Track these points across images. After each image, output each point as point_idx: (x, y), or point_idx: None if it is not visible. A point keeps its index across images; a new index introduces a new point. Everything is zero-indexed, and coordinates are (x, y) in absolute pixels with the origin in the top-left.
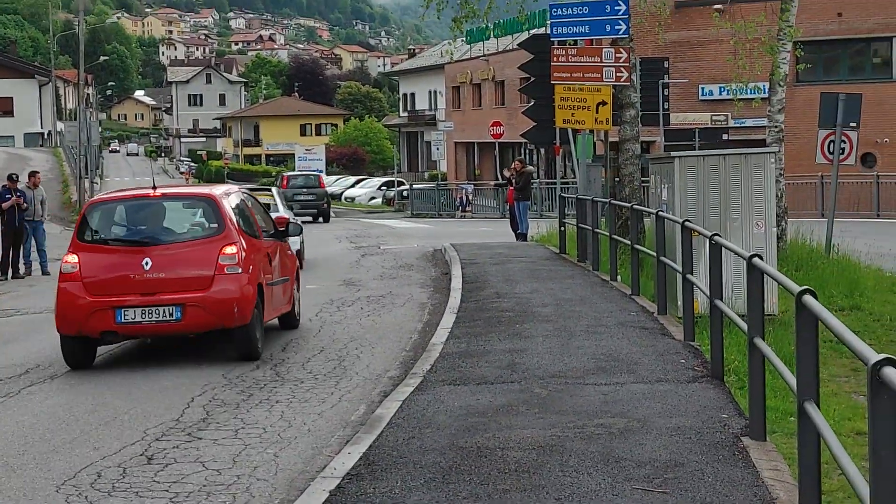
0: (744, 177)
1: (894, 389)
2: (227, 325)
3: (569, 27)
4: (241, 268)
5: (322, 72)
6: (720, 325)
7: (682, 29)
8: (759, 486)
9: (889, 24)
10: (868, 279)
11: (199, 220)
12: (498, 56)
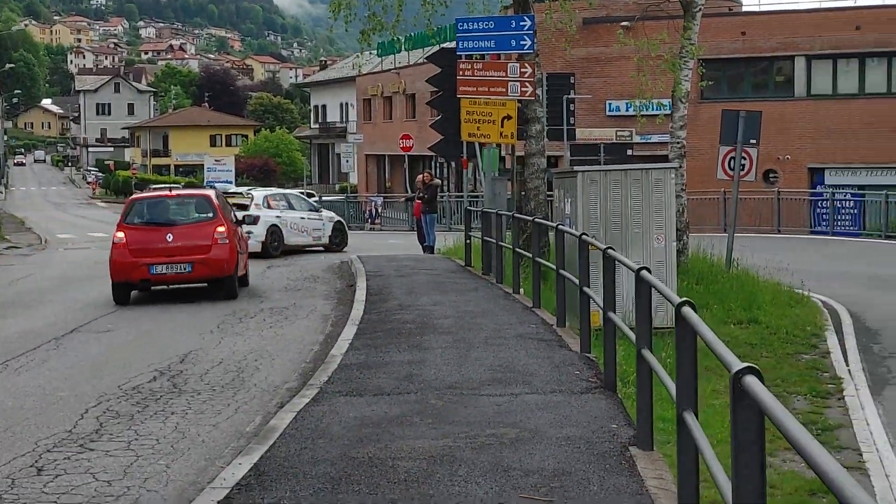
0: (645, 191)
1: (754, 397)
2: (219, 275)
3: (475, 42)
4: (228, 240)
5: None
6: (613, 336)
7: (589, 45)
8: (643, 494)
9: (791, 44)
10: (766, 293)
11: (200, 210)
12: (409, 69)
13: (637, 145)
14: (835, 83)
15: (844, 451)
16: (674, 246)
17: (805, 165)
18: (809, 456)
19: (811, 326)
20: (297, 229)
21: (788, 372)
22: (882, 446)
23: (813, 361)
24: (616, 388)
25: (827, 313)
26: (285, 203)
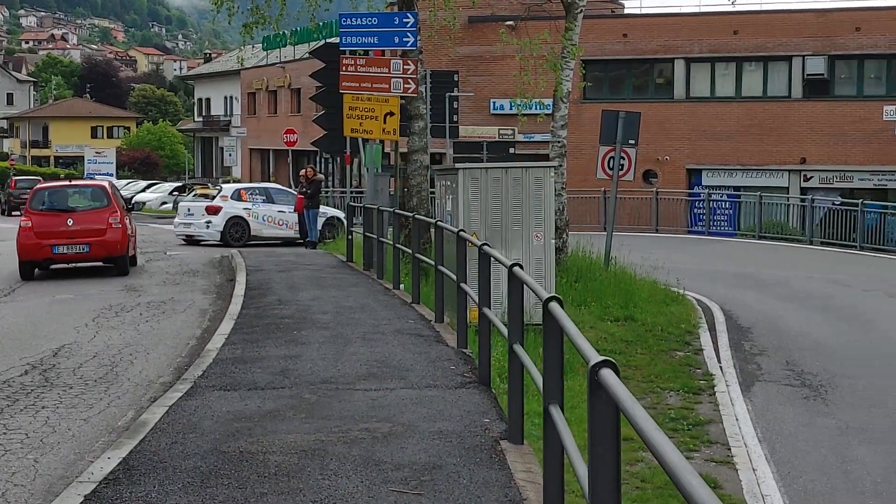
0: (525, 189)
1: (610, 390)
2: (112, 255)
3: (358, 37)
4: (121, 224)
5: (116, 74)
6: (488, 332)
7: (474, 44)
8: (511, 487)
9: (671, 47)
10: (643, 291)
11: (96, 199)
12: (294, 64)
13: (520, 144)
14: (713, 86)
15: (714, 445)
16: (553, 244)
17: (683, 166)
18: (656, 448)
19: (685, 324)
20: (272, 222)
21: (662, 368)
22: (750, 441)
23: (686, 358)
24: (490, 383)
25: (701, 311)
26: (263, 197)
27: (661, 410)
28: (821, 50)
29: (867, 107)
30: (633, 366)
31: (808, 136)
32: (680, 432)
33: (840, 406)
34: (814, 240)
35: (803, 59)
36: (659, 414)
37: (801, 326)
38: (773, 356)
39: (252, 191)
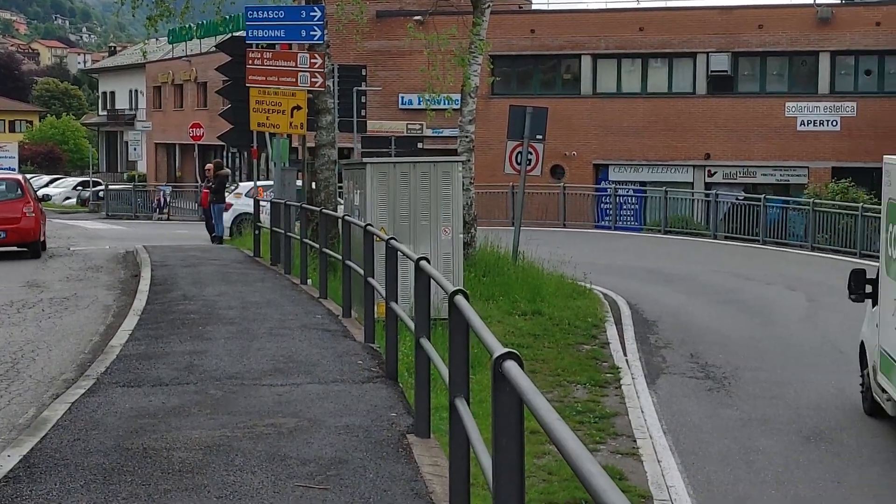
0: (433, 184)
1: (513, 381)
2: (27, 241)
3: (265, 31)
4: (34, 213)
5: (18, 67)
6: (395, 326)
7: (382, 38)
8: (418, 480)
9: (578, 43)
10: (550, 285)
11: (11, 190)
12: (200, 57)
13: (428, 139)
14: (619, 82)
15: (620, 437)
16: (461, 238)
17: (590, 161)
18: (557, 438)
19: (592, 318)
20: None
21: (569, 362)
22: (655, 433)
23: (593, 351)
24: (398, 377)
25: (608, 305)
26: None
27: (568, 403)
28: (724, 47)
29: (770, 103)
30: (540, 359)
31: (713, 131)
32: (587, 425)
33: (743, 398)
34: (718, 234)
35: (707, 56)
36: (566, 407)
37: (705, 320)
38: (677, 349)
39: (270, 188)
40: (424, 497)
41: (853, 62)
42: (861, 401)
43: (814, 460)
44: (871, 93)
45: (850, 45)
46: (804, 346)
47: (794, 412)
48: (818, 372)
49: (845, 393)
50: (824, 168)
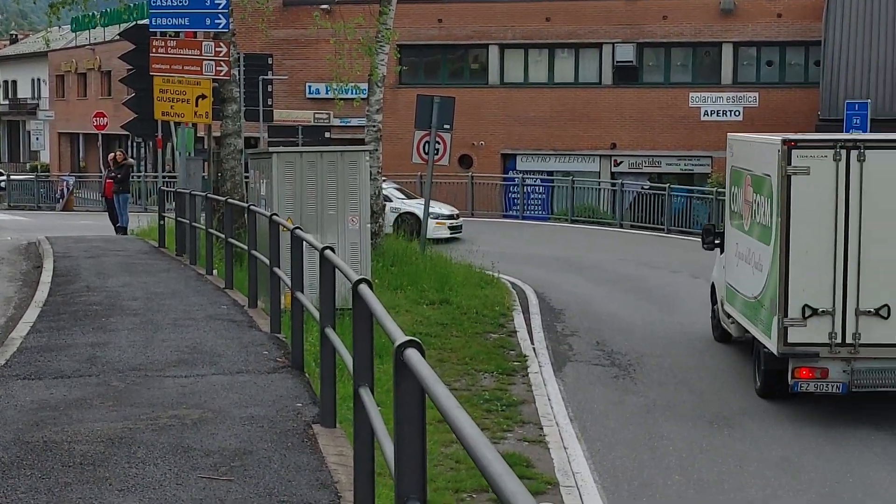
0: (340, 174)
1: (414, 369)
2: None
3: (168, 18)
4: None
5: None
6: (301, 316)
7: (289, 27)
8: (323, 470)
9: (485, 32)
10: (458, 274)
11: None
12: (104, 45)
13: (336, 128)
14: (526, 72)
15: (527, 425)
16: (368, 228)
17: (498, 151)
18: (455, 424)
19: (500, 306)
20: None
21: (477, 350)
22: (562, 420)
23: (500, 340)
24: (304, 367)
25: (515, 294)
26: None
27: (475, 392)
28: (630, 37)
29: (674, 93)
30: (448, 348)
31: (619, 121)
32: (494, 413)
33: (648, 384)
34: (624, 223)
35: (613, 47)
36: (474, 395)
37: (611, 308)
38: (584, 337)
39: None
40: (329, 487)
41: (755, 53)
42: (711, 331)
43: (717, 445)
44: (773, 83)
45: (752, 37)
46: (707, 332)
47: (697, 398)
48: (721, 358)
49: (748, 378)
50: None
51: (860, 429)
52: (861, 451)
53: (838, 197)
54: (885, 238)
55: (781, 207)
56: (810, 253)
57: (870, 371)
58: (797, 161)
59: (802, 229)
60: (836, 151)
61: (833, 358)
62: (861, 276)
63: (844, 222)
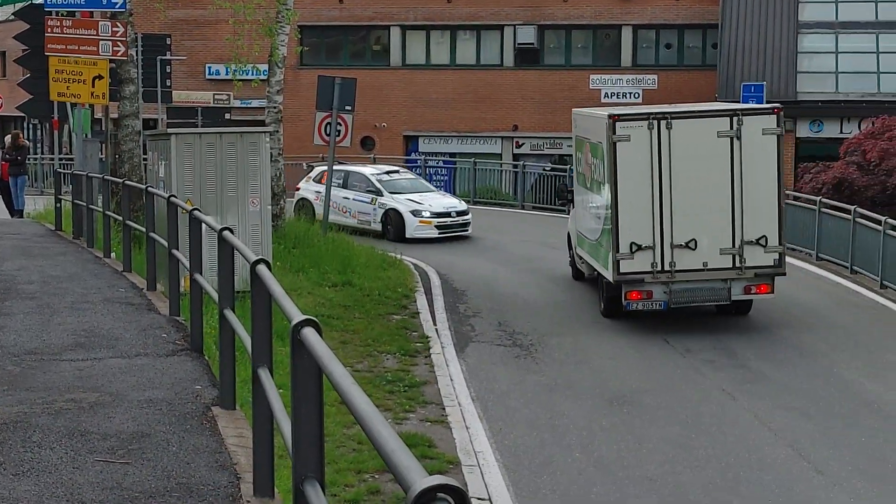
0: (240, 155)
1: (310, 348)
2: None
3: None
4: None
5: None
6: (200, 298)
7: (188, 6)
8: (222, 452)
9: (387, 14)
10: (361, 256)
11: None
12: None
13: (236, 109)
14: (428, 54)
15: (430, 406)
16: (269, 210)
17: (400, 133)
18: (351, 402)
19: (403, 288)
20: (337, 208)
21: (380, 332)
22: (464, 400)
23: (403, 321)
24: (203, 350)
25: (418, 275)
26: (339, 181)
27: (378, 373)
28: (531, 20)
29: (575, 75)
30: (351, 330)
31: (520, 103)
32: (397, 394)
33: (549, 364)
34: (525, 204)
35: (514, 29)
36: (376, 377)
37: (513, 288)
38: (486, 317)
39: (337, 174)
40: (228, 469)
41: (654, 36)
42: (570, 273)
43: (616, 423)
44: (671, 66)
45: (651, 20)
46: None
47: (597, 376)
48: (620, 337)
49: (645, 355)
50: None
51: (757, 406)
52: (758, 428)
53: (653, 157)
54: (690, 188)
55: (611, 167)
56: (634, 202)
57: (683, 291)
58: (620, 131)
59: (627, 184)
60: (650, 122)
61: (655, 282)
62: (673, 218)
63: (658, 177)
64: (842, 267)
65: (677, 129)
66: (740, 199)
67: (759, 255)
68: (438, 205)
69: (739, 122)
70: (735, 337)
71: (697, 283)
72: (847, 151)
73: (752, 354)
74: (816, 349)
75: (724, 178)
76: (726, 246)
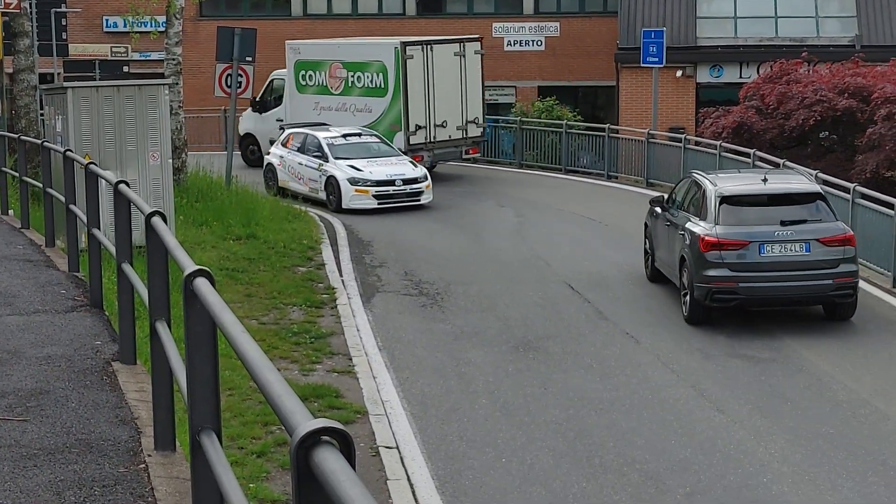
0: (139, 108)
1: (203, 299)
2: None
3: None
4: None
5: None
6: (98, 253)
7: None
8: (123, 407)
9: None
10: (265, 209)
11: None
12: None
13: (135, 62)
14: (329, 3)
15: (336, 356)
16: (170, 164)
17: None
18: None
19: (308, 240)
20: (293, 175)
21: (285, 284)
22: (371, 350)
23: (309, 273)
24: (103, 305)
25: (323, 227)
26: (298, 145)
27: (284, 325)
28: None
29: (478, 24)
30: (256, 283)
31: None
32: (303, 346)
33: (455, 312)
34: None
35: None
36: (282, 329)
37: (419, 238)
38: (392, 267)
39: (298, 136)
40: (129, 423)
41: None
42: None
43: (522, 369)
44: (573, 13)
45: None
46: (512, 260)
47: (503, 324)
48: (526, 284)
49: (552, 302)
50: (531, 87)
51: (660, 349)
52: (661, 370)
53: (425, 69)
54: (441, 88)
55: (401, 76)
56: (414, 97)
57: (439, 154)
58: (409, 52)
59: (413, 86)
60: (423, 47)
61: (426, 150)
62: (435, 108)
63: (427, 81)
64: None
65: (436, 51)
66: (465, 94)
67: (474, 130)
68: (382, 172)
69: (463, 46)
70: (638, 283)
71: (445, 149)
72: (746, 96)
73: (653, 299)
74: None
75: (457, 81)
76: (460, 125)
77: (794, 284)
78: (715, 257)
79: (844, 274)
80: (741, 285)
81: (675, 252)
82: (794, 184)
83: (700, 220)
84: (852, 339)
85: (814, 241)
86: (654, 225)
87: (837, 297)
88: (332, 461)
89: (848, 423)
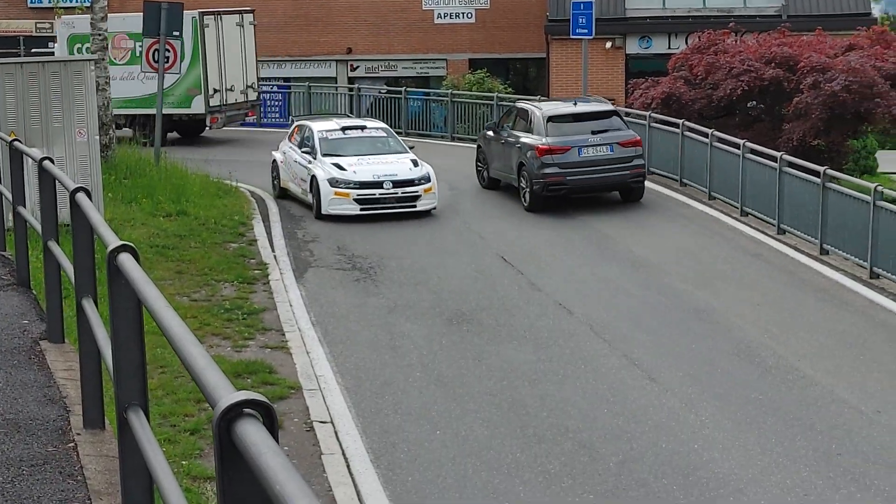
0: (65, 85)
1: (127, 274)
2: None
3: None
4: None
5: None
6: (24, 232)
7: None
8: (52, 386)
9: None
10: (195, 185)
11: None
12: None
13: None
14: None
15: (269, 332)
16: (97, 140)
17: None
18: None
19: (239, 216)
20: (291, 174)
21: (217, 260)
22: (304, 325)
23: (241, 249)
24: (30, 284)
25: (255, 203)
26: (299, 139)
27: (216, 302)
28: None
29: None
30: (187, 260)
31: (354, 26)
32: (235, 322)
33: (389, 286)
34: None
35: None
36: (214, 305)
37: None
38: (325, 242)
39: (303, 129)
40: (58, 402)
41: None
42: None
43: (456, 341)
44: None
45: None
46: (446, 233)
47: (436, 297)
48: (459, 257)
49: (485, 274)
50: (462, 60)
51: (592, 318)
52: (593, 340)
53: (218, 37)
54: (229, 54)
55: (201, 44)
56: (210, 64)
57: (230, 116)
58: (205, 22)
59: (209, 53)
60: (216, 17)
61: (220, 112)
62: (227, 73)
63: (220, 49)
64: (671, 180)
65: (224, 21)
66: (244, 61)
67: (252, 94)
68: (368, 172)
69: (242, 18)
70: (569, 253)
71: (236, 112)
72: (675, 67)
73: (586, 268)
74: (648, 261)
75: (239, 50)
76: (242, 88)
77: (604, 175)
78: (548, 160)
79: (637, 167)
80: (568, 178)
81: (512, 161)
82: (596, 105)
83: (532, 135)
84: (781, 304)
85: (615, 143)
86: (488, 145)
87: (633, 183)
88: (254, 433)
89: (777, 388)
